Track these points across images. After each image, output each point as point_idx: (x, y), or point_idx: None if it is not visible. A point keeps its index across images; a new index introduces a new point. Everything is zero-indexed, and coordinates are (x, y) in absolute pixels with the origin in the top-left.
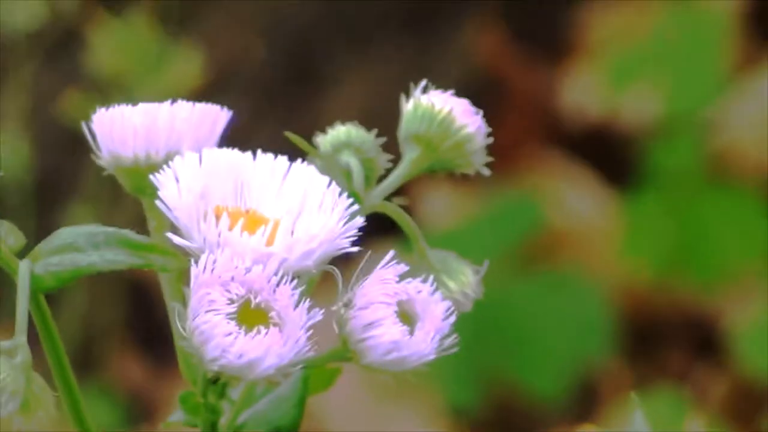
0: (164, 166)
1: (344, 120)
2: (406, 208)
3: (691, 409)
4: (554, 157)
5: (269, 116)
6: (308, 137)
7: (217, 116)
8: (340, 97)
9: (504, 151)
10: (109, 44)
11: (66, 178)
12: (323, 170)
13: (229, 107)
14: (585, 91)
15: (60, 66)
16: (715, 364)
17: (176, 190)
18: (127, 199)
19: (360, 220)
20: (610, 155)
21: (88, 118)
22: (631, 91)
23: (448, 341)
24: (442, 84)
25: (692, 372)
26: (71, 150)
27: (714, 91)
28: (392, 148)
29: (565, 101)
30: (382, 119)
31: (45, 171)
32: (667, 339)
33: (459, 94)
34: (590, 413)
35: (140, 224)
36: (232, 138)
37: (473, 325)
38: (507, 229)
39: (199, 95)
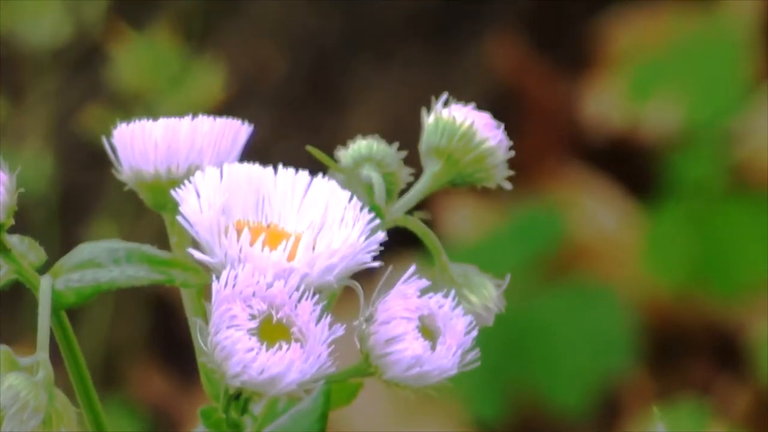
0: (185, 181)
1: (365, 133)
2: (428, 222)
3: (713, 420)
4: (576, 170)
5: (291, 130)
6: (330, 150)
7: (238, 130)
8: (362, 110)
9: (526, 164)
10: (132, 60)
11: (89, 193)
12: (344, 184)
13: (251, 121)
14: (606, 103)
15: (83, 81)
16: (738, 375)
17: (197, 205)
18: (150, 213)
19: (381, 235)
20: (631, 167)
21: (110, 134)
22: (652, 102)
23: (470, 356)
24: (463, 97)
25: (715, 383)
26: (94, 165)
27: (735, 102)
28: (414, 161)
29: (586, 113)
30: (404, 132)
31: (68, 186)
32: (689, 350)
33: (480, 106)
34: (613, 425)
35: (163, 239)
36: (254, 152)
37: (497, 338)
38: (530, 242)
39: (220, 109)
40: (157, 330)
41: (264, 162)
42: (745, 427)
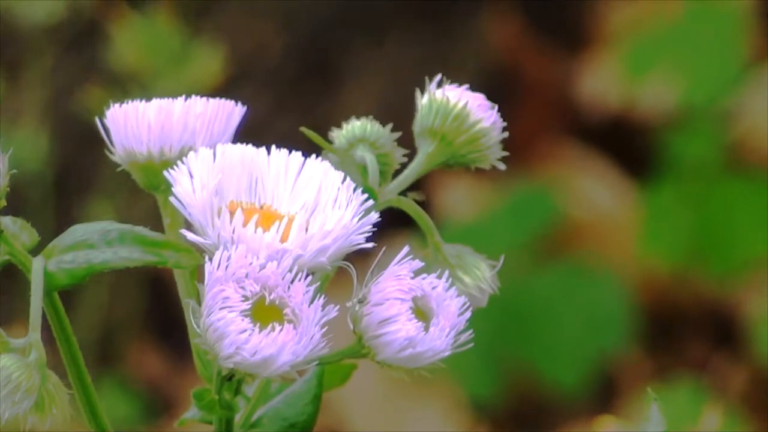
0: (178, 162)
1: (362, 112)
2: (422, 203)
3: (710, 399)
4: (572, 148)
5: (288, 109)
6: (328, 129)
7: (231, 111)
8: (358, 89)
9: (521, 142)
10: (129, 39)
11: (84, 171)
12: (338, 165)
13: (248, 100)
14: (603, 81)
15: (79, 60)
16: (735, 354)
17: (190, 187)
18: (146, 192)
19: (375, 216)
20: (628, 146)
21: (104, 114)
22: (649, 81)
23: (464, 337)
24: (459, 74)
25: (712, 362)
26: (90, 144)
27: (732, 80)
28: (409, 142)
29: (583, 91)
30: (400, 111)
31: (63, 165)
32: (686, 329)
33: (476, 84)
34: (610, 404)
35: (159, 218)
36: (251, 131)
37: (493, 318)
38: (525, 221)
39: (218, 89)
40: (153, 309)
41: (261, 142)
42: (742, 405)
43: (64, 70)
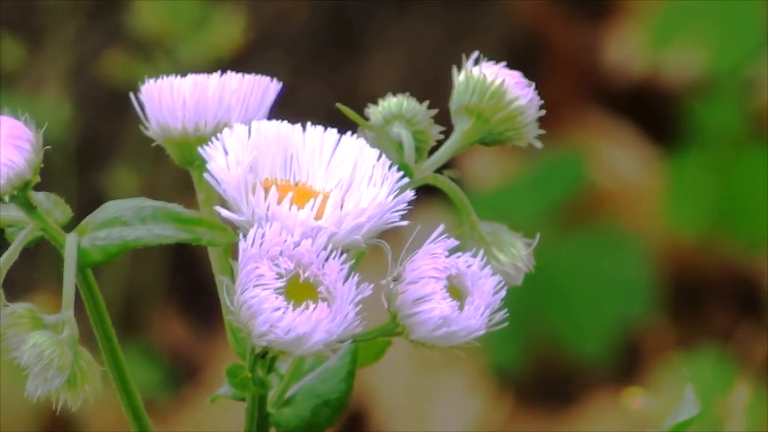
0: (213, 139)
1: (386, 81)
2: (457, 181)
3: (735, 368)
4: (598, 116)
5: (311, 78)
6: (350, 97)
7: (266, 87)
8: (381, 57)
9: (547, 111)
10: (152, 4)
11: (108, 138)
12: (374, 142)
13: (270, 67)
14: (628, 49)
15: (102, 26)
16: (760, 323)
17: (225, 163)
18: (169, 161)
19: (410, 194)
20: (653, 113)
21: (129, 79)
22: (673, 48)
23: (498, 315)
24: (484, 43)
25: (736, 331)
26: (113, 111)
27: (757, 48)
28: (438, 113)
29: (608, 59)
30: (424, 80)
31: (87, 132)
32: (711, 298)
33: (501, 53)
34: (634, 373)
35: (182, 187)
36: (275, 99)
37: (517, 286)
38: (551, 189)
39: (240, 55)
40: (177, 274)
41: (284, 108)
42: (766, 374)
43: (87, 37)
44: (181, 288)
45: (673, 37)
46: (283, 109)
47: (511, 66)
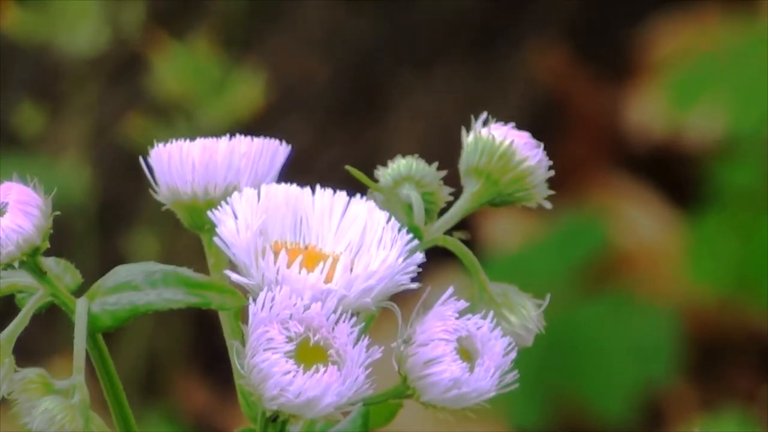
0: (223, 202)
1: (407, 143)
2: (467, 242)
3: (758, 430)
4: (619, 178)
5: (332, 140)
6: (372, 161)
7: (276, 150)
8: (404, 118)
9: (568, 173)
10: (172, 68)
11: (128, 202)
12: (384, 204)
13: (292, 130)
14: (649, 111)
15: (122, 90)
16: None
17: (234, 227)
18: None
19: (420, 256)
20: (674, 175)
21: (150, 143)
22: (695, 110)
23: (509, 377)
24: (506, 105)
25: (759, 393)
26: (133, 176)
27: None
28: (456, 175)
29: (629, 121)
30: (446, 141)
31: (107, 196)
32: (733, 359)
33: (523, 115)
34: None
35: (204, 252)
36: (296, 160)
37: (539, 348)
38: (572, 251)
39: (261, 118)
40: (199, 340)
41: (304, 173)
42: None
43: (107, 102)
44: (203, 353)
45: (694, 100)
46: (303, 171)
47: (533, 129)
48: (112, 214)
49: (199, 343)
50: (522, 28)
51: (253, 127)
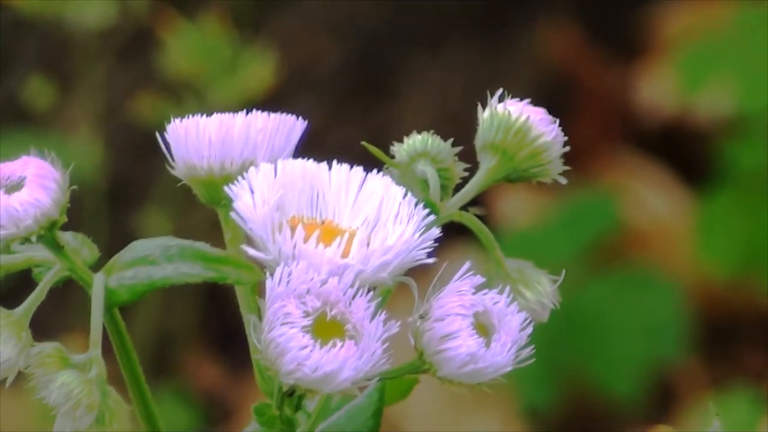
0: (239, 177)
1: (417, 122)
2: (483, 218)
3: (767, 408)
4: (629, 156)
5: (343, 119)
6: (381, 140)
7: (293, 126)
8: (413, 99)
9: (578, 151)
10: (182, 46)
11: (139, 180)
12: (400, 180)
13: (302, 109)
14: (659, 90)
15: (132, 68)
16: None
17: (251, 202)
18: (201, 202)
19: (436, 231)
20: (685, 153)
21: (160, 120)
22: (705, 88)
23: (525, 352)
24: (515, 84)
25: None
26: (144, 152)
27: None
28: (467, 152)
29: (639, 100)
30: (455, 121)
31: (118, 174)
32: (743, 338)
33: (533, 94)
34: (666, 413)
35: (215, 228)
36: (305, 141)
37: (549, 326)
38: (583, 229)
39: (271, 97)
40: (210, 317)
41: (315, 151)
42: None
43: (117, 79)
44: (214, 330)
45: (704, 77)
46: (314, 150)
47: (544, 107)
48: (123, 192)
49: (210, 321)
50: (532, 7)
51: (263, 106)
